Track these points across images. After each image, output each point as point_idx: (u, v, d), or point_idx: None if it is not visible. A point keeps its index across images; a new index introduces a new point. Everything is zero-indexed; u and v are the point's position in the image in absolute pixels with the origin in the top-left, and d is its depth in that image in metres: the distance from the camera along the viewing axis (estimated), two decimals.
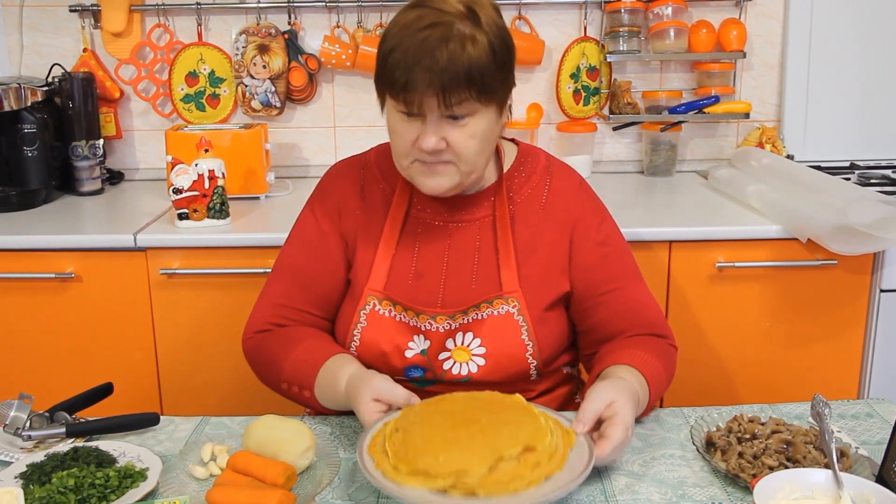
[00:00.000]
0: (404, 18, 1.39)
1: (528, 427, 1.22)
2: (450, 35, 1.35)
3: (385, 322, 1.51)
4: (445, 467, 1.15)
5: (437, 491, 1.14)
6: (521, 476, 1.15)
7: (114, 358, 2.29)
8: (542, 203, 1.56)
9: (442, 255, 1.55)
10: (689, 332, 2.27)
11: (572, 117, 2.85)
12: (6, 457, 1.34)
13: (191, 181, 2.22)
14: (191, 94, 2.81)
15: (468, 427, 1.21)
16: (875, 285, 2.26)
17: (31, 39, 2.83)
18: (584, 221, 1.56)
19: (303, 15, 2.81)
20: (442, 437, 1.20)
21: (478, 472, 1.14)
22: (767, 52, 2.85)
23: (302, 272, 1.58)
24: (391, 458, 1.19)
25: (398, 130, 1.43)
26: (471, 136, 1.40)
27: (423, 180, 1.45)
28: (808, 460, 1.23)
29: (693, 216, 2.39)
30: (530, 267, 1.53)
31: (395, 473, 1.17)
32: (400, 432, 1.23)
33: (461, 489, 1.14)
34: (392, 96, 1.39)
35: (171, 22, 2.81)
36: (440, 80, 1.33)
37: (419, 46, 1.34)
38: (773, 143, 2.77)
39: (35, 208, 2.52)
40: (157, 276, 2.23)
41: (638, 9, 2.74)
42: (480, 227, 1.55)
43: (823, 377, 2.32)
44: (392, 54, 1.36)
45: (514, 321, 1.49)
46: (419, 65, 1.33)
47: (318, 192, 1.65)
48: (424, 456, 1.16)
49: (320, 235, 1.59)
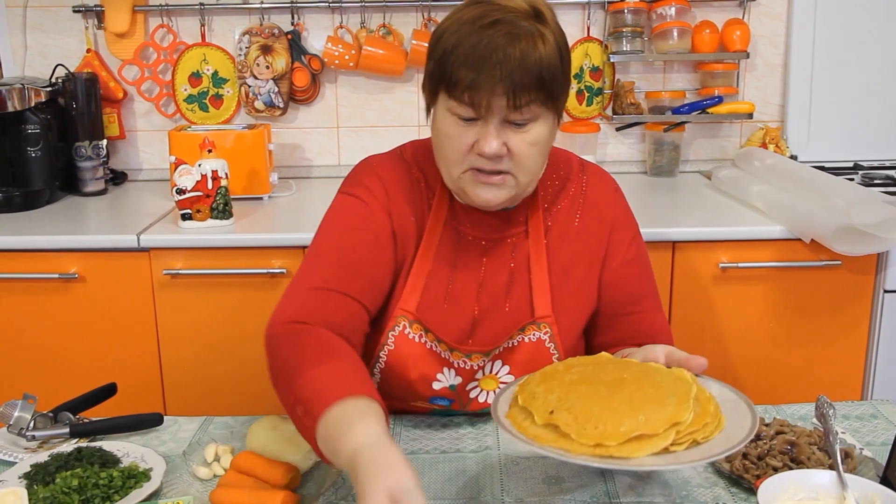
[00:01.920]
0: (465, 15, 1.30)
1: (659, 372, 1.15)
2: (520, 32, 1.26)
3: (414, 348, 1.41)
4: (655, 425, 1.04)
5: (661, 452, 1.04)
6: (697, 429, 1.06)
7: (117, 358, 2.29)
8: (579, 216, 1.47)
9: (476, 274, 1.45)
10: (692, 333, 2.27)
11: (576, 118, 2.85)
12: (10, 457, 1.34)
13: (194, 181, 2.22)
14: (194, 95, 2.81)
15: (625, 385, 1.11)
16: (879, 286, 2.26)
17: (34, 40, 2.83)
18: (618, 235, 1.48)
19: (306, 15, 2.81)
20: (617, 400, 1.08)
21: (687, 418, 1.05)
22: (771, 53, 2.85)
23: (352, 255, 1.39)
24: (577, 438, 1.05)
25: (453, 135, 1.32)
26: (532, 144, 1.31)
27: (478, 191, 1.35)
28: (812, 461, 1.22)
29: (696, 217, 2.38)
30: (566, 289, 1.45)
31: (604, 450, 1.04)
32: (561, 412, 1.08)
33: (682, 442, 1.04)
34: (454, 97, 1.29)
35: (174, 22, 2.81)
36: (511, 78, 1.25)
37: (488, 43, 1.25)
38: (777, 144, 2.77)
39: (38, 209, 2.52)
40: (161, 276, 2.23)
41: (641, 9, 2.74)
42: (515, 245, 1.45)
43: (827, 378, 2.31)
44: (455, 51, 1.27)
45: (545, 349, 1.42)
46: (488, 62, 1.25)
47: (359, 184, 1.47)
48: (624, 421, 1.05)
49: (369, 213, 1.42)
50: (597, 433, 1.05)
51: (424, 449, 1.36)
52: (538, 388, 1.15)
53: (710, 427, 1.07)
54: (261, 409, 1.53)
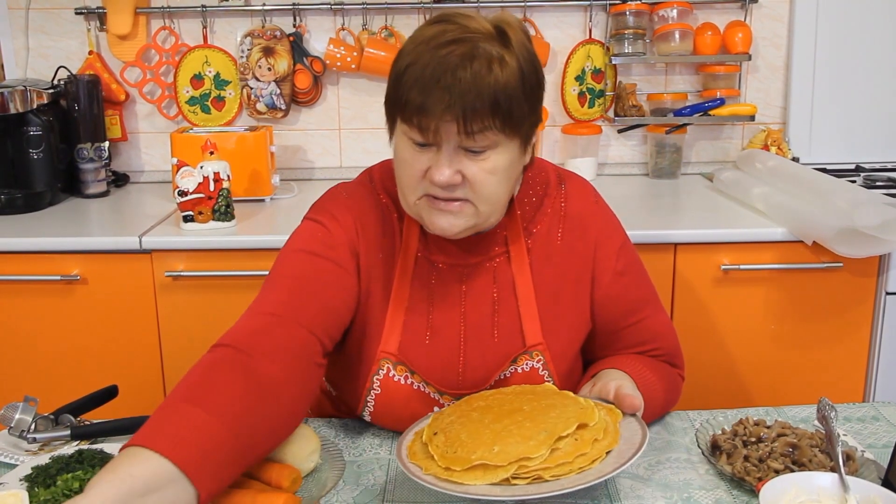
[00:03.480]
0: (424, 33, 1.23)
1: (572, 407, 1.19)
2: (475, 53, 1.19)
3: (401, 390, 1.37)
4: (504, 457, 1.09)
5: (501, 483, 1.08)
6: (582, 453, 1.11)
7: (119, 360, 2.29)
8: (560, 234, 1.40)
9: (458, 306, 1.38)
10: (694, 335, 2.27)
11: (577, 120, 2.85)
12: (11, 459, 1.34)
13: (196, 183, 2.22)
14: (196, 97, 2.82)
15: (512, 416, 1.17)
16: (881, 288, 2.25)
17: (36, 42, 2.83)
18: (604, 249, 1.41)
19: (308, 17, 2.81)
20: (489, 430, 1.15)
21: (539, 455, 1.09)
22: (773, 55, 2.85)
23: (308, 282, 1.32)
24: (438, 460, 1.13)
25: (407, 160, 1.26)
26: (490, 172, 1.24)
27: (433, 218, 1.28)
28: (813, 464, 1.22)
29: (698, 218, 2.38)
30: (556, 313, 1.39)
31: (450, 474, 1.10)
32: (440, 435, 1.17)
33: (526, 476, 1.09)
34: (404, 120, 1.23)
35: (176, 24, 2.81)
36: (461, 103, 1.17)
37: (438, 64, 1.18)
38: (779, 146, 2.77)
39: (40, 210, 2.52)
40: (163, 278, 2.23)
41: (643, 11, 2.74)
42: (496, 269, 1.39)
43: (829, 380, 2.31)
44: (407, 72, 1.21)
45: (539, 377, 1.37)
46: (438, 84, 1.18)
47: (327, 212, 1.40)
48: (477, 450, 1.11)
49: (332, 241, 1.36)
50: (451, 457, 1.12)
51: None
52: (449, 411, 1.24)
53: (582, 461, 1.11)
54: None
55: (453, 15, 1.25)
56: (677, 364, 1.50)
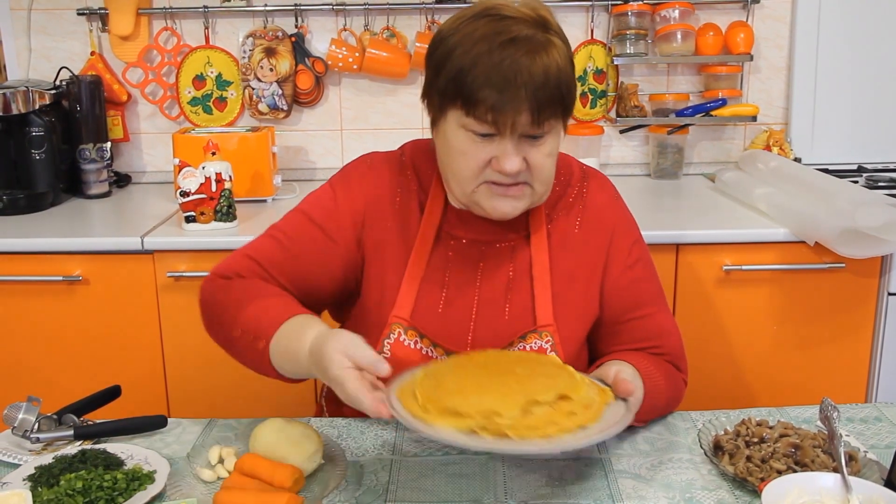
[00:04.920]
0: (475, 30, 1.27)
1: (563, 379, 1.20)
2: (537, 48, 1.25)
3: (410, 354, 1.40)
4: (476, 407, 1.12)
5: (467, 431, 1.11)
6: (554, 422, 1.12)
7: (121, 360, 2.29)
8: (579, 223, 1.46)
9: (473, 280, 1.43)
10: (696, 335, 2.27)
11: (579, 120, 2.85)
12: (15, 459, 1.34)
13: (198, 184, 2.22)
14: (198, 97, 2.82)
15: (503, 376, 1.20)
16: (883, 288, 2.25)
17: (39, 43, 2.84)
18: (618, 242, 1.46)
19: (310, 18, 2.82)
20: (475, 383, 1.18)
21: (510, 414, 1.11)
22: (775, 55, 2.85)
23: (295, 246, 1.43)
24: (419, 399, 1.16)
25: (468, 152, 1.30)
26: (548, 155, 1.31)
27: (495, 204, 1.33)
28: (816, 464, 1.22)
29: (700, 219, 2.38)
30: (568, 297, 1.43)
31: (424, 413, 1.13)
32: (430, 378, 1.21)
33: (492, 430, 1.11)
34: (474, 115, 1.27)
35: (178, 25, 2.82)
36: (536, 97, 1.24)
37: (511, 63, 1.24)
38: (781, 146, 2.77)
39: (42, 211, 2.53)
40: (165, 278, 2.24)
41: (645, 12, 2.74)
42: (514, 250, 1.44)
43: (831, 381, 2.31)
44: (474, 71, 1.25)
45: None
46: (513, 83, 1.23)
47: (348, 178, 1.48)
48: (455, 397, 1.14)
49: (332, 222, 1.44)
50: (432, 399, 1.14)
51: (428, 451, 1.36)
52: (449, 361, 1.29)
53: (552, 429, 1.12)
54: (265, 411, 1.53)
55: (493, 7, 1.30)
56: (681, 368, 1.50)
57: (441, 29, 1.34)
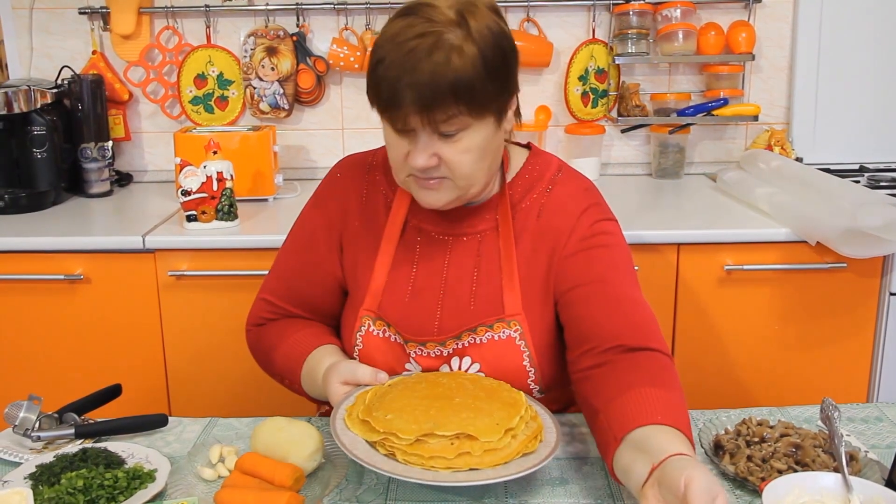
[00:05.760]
0: (393, 28, 1.29)
1: (489, 419, 1.20)
2: (436, 46, 1.24)
3: (379, 343, 1.46)
4: (385, 425, 1.20)
5: (369, 443, 1.21)
6: (443, 456, 1.17)
7: (122, 359, 2.29)
8: (539, 212, 1.44)
9: (440, 271, 1.46)
10: (697, 335, 2.27)
11: (580, 119, 2.85)
12: (16, 458, 1.35)
13: (199, 183, 2.22)
14: (199, 97, 2.82)
15: (436, 400, 1.25)
16: (884, 288, 2.25)
17: (40, 42, 2.84)
18: (582, 223, 1.42)
19: (311, 17, 2.82)
20: (407, 401, 1.25)
21: (406, 438, 1.18)
22: (776, 55, 2.85)
23: (291, 275, 1.57)
24: (365, 404, 1.26)
25: (391, 144, 1.36)
26: (465, 152, 1.31)
27: (420, 195, 1.38)
28: (817, 464, 1.22)
29: (702, 219, 2.38)
30: (533, 286, 1.42)
31: (349, 418, 1.26)
32: (388, 387, 1.31)
33: (387, 448, 1.19)
34: (379, 111, 1.33)
35: (179, 24, 2.82)
36: (422, 96, 1.24)
37: (404, 59, 1.25)
38: (782, 146, 2.76)
39: (44, 210, 2.53)
40: (166, 277, 2.24)
41: (646, 11, 2.74)
42: (482, 241, 1.45)
43: (832, 380, 2.31)
44: (378, 67, 1.29)
45: (515, 346, 1.40)
46: (401, 80, 1.25)
47: (321, 190, 1.60)
48: (380, 410, 1.23)
49: (312, 243, 1.55)
50: (365, 409, 1.25)
51: None
52: (402, 378, 1.36)
53: (441, 462, 1.17)
54: (265, 410, 1.53)
55: (418, 6, 1.30)
56: (656, 347, 1.31)
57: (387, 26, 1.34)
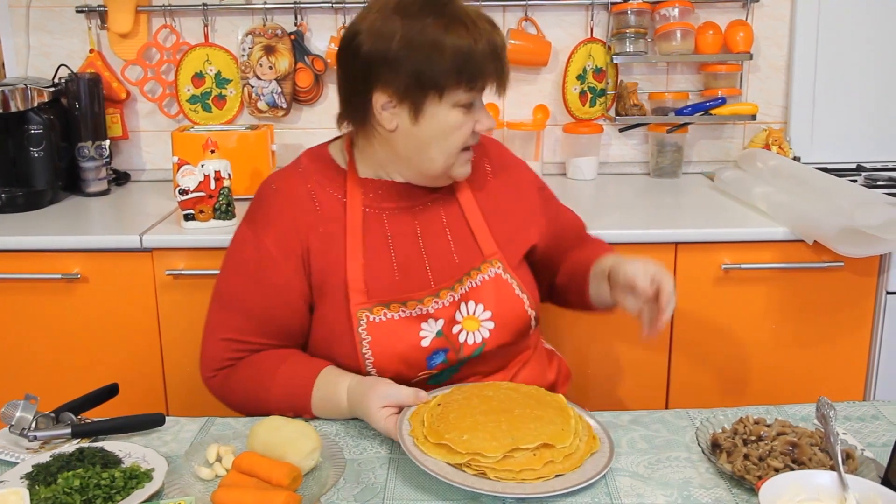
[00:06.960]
0: (426, 24, 1.43)
1: (554, 426, 1.29)
2: (482, 20, 1.45)
3: (387, 326, 1.48)
4: (466, 446, 1.24)
5: (454, 465, 1.24)
6: (531, 468, 1.22)
7: (119, 359, 2.29)
8: (486, 168, 1.66)
9: (415, 238, 1.56)
10: (694, 334, 2.27)
11: (578, 119, 2.85)
12: (12, 457, 1.35)
13: (197, 182, 2.22)
14: (197, 95, 2.82)
15: (499, 415, 1.31)
16: (881, 287, 2.25)
17: (37, 40, 2.84)
18: (527, 176, 1.73)
19: (309, 16, 2.81)
20: (472, 419, 1.29)
21: (493, 455, 1.22)
22: (774, 54, 2.85)
23: (254, 305, 1.52)
24: (425, 428, 1.30)
25: (459, 125, 1.47)
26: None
27: (465, 169, 1.54)
28: (813, 462, 1.22)
29: (699, 218, 2.38)
30: (500, 227, 1.61)
31: (424, 442, 1.27)
32: (440, 407, 1.34)
33: (474, 468, 1.23)
34: (475, 88, 1.45)
35: (177, 23, 2.81)
36: (497, 58, 1.46)
37: (467, 32, 1.42)
38: (780, 145, 2.77)
39: (41, 209, 2.53)
40: (163, 276, 2.24)
41: (644, 10, 2.74)
42: (443, 201, 1.60)
43: (829, 379, 2.31)
44: (473, 52, 1.42)
45: (503, 280, 1.56)
46: (476, 48, 1.42)
47: (261, 212, 1.55)
48: (452, 432, 1.26)
49: (267, 265, 1.51)
50: (434, 429, 1.28)
51: None
52: (462, 389, 1.41)
53: (532, 473, 1.23)
54: None
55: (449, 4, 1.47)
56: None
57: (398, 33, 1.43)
